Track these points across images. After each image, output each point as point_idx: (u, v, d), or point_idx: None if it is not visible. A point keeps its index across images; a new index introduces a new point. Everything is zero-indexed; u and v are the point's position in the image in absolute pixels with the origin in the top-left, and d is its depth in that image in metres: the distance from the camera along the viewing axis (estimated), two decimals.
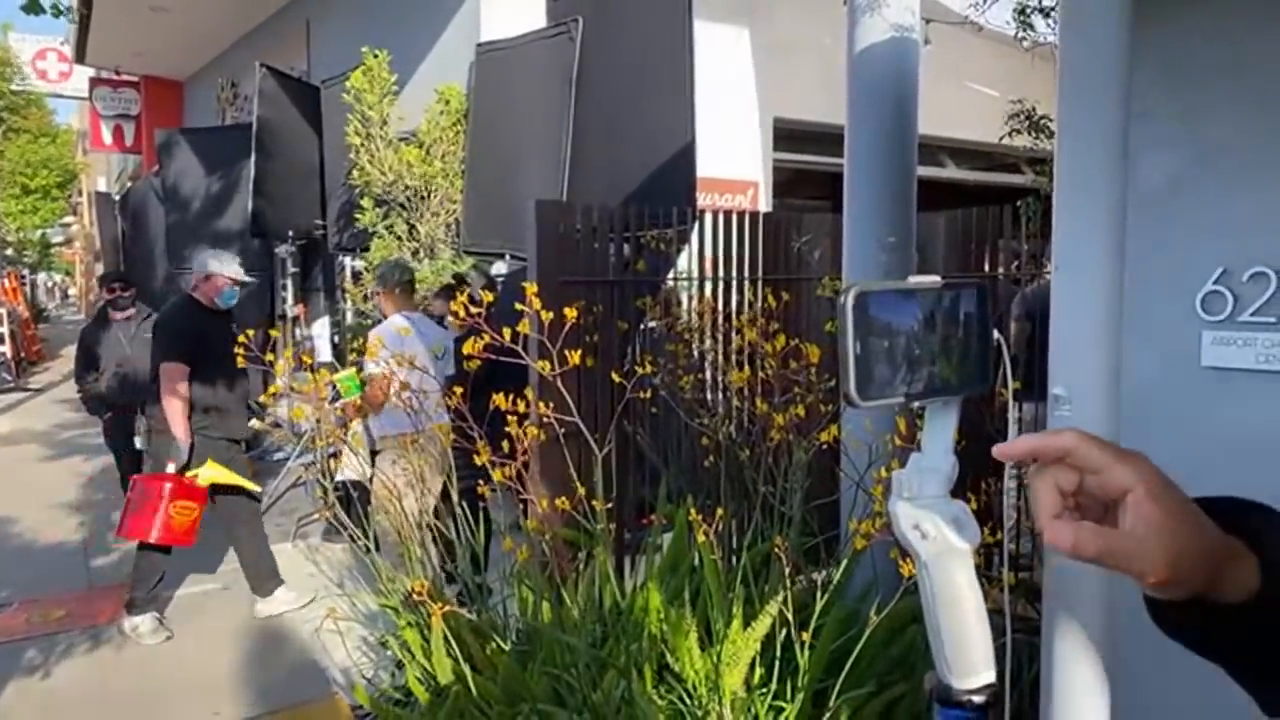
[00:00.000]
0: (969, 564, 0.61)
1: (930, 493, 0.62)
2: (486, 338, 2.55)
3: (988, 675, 0.60)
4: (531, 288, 2.83)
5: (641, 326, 3.61)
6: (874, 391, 0.58)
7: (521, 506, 2.97)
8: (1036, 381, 2.86)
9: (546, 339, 2.72)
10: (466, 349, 2.64)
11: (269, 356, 3.25)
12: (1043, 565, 1.89)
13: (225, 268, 3.89)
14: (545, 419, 2.86)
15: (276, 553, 4.37)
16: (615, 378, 3.01)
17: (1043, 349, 1.76)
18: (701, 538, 2.55)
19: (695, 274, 3.86)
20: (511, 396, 2.69)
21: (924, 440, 0.64)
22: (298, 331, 7.00)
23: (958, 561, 0.61)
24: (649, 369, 3.08)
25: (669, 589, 2.72)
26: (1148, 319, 2.01)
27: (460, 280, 4.74)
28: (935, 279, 0.60)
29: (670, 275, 3.76)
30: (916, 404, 0.61)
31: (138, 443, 4.34)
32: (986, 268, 3.64)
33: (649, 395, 3.32)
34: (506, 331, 2.60)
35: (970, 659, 0.60)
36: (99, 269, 13.53)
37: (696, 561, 2.84)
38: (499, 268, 4.61)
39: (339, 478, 3.65)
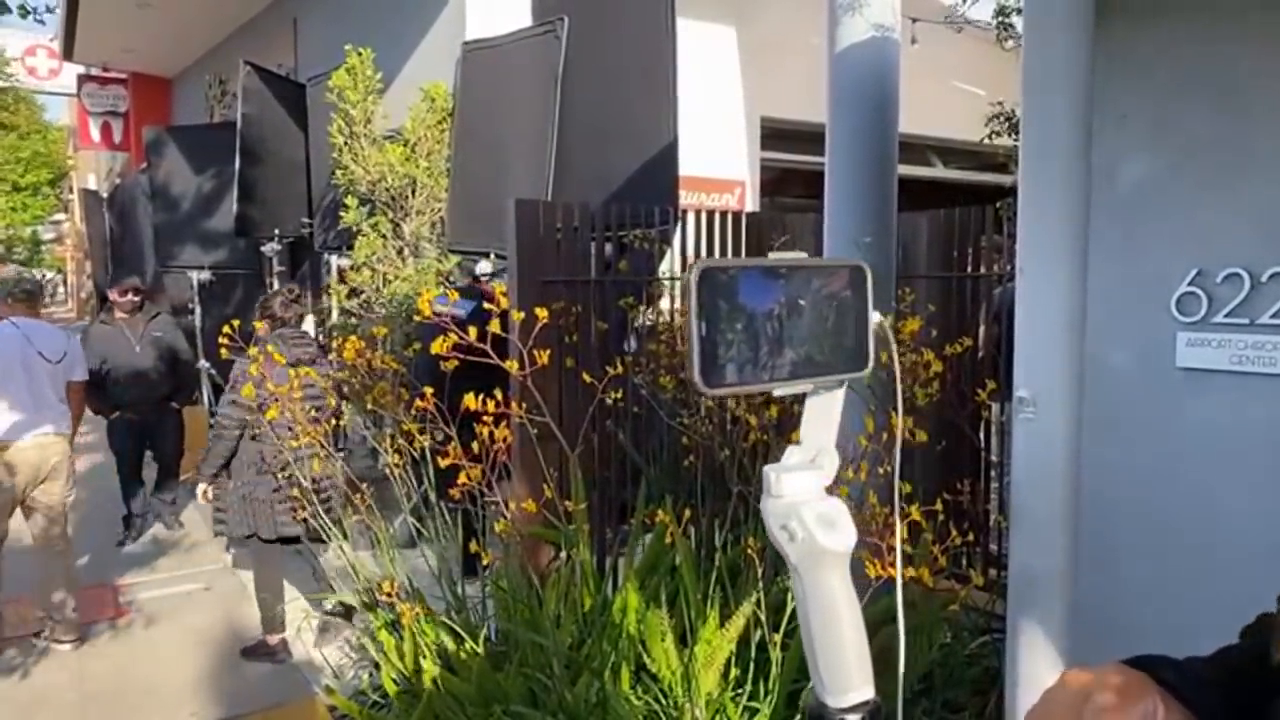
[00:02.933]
0: (843, 568, 0.58)
1: (802, 489, 0.60)
2: (455, 336, 2.53)
3: (865, 691, 0.56)
4: (500, 288, 2.81)
5: (635, 326, 3.57)
6: (725, 376, 0.56)
7: (496, 509, 2.97)
8: (1002, 383, 2.88)
9: (520, 339, 2.73)
10: (435, 348, 2.63)
11: (253, 351, 3.29)
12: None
13: None
14: (521, 420, 2.89)
15: None
16: (586, 378, 3.01)
17: (1009, 352, 1.78)
18: (677, 538, 2.54)
19: (678, 274, 3.90)
20: (482, 396, 2.70)
21: (801, 431, 0.62)
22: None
23: (829, 565, 0.58)
24: (622, 369, 3.07)
25: (648, 589, 2.73)
26: (1124, 321, 2.02)
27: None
28: (800, 255, 0.58)
29: (654, 275, 3.80)
30: (783, 390, 0.59)
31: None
32: (970, 267, 3.60)
33: (625, 396, 3.30)
34: (473, 330, 2.58)
35: (844, 674, 0.57)
36: (89, 267, 13.47)
37: (676, 562, 2.86)
38: (484, 266, 4.59)
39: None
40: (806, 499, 0.60)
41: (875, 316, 0.65)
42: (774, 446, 2.85)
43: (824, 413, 0.64)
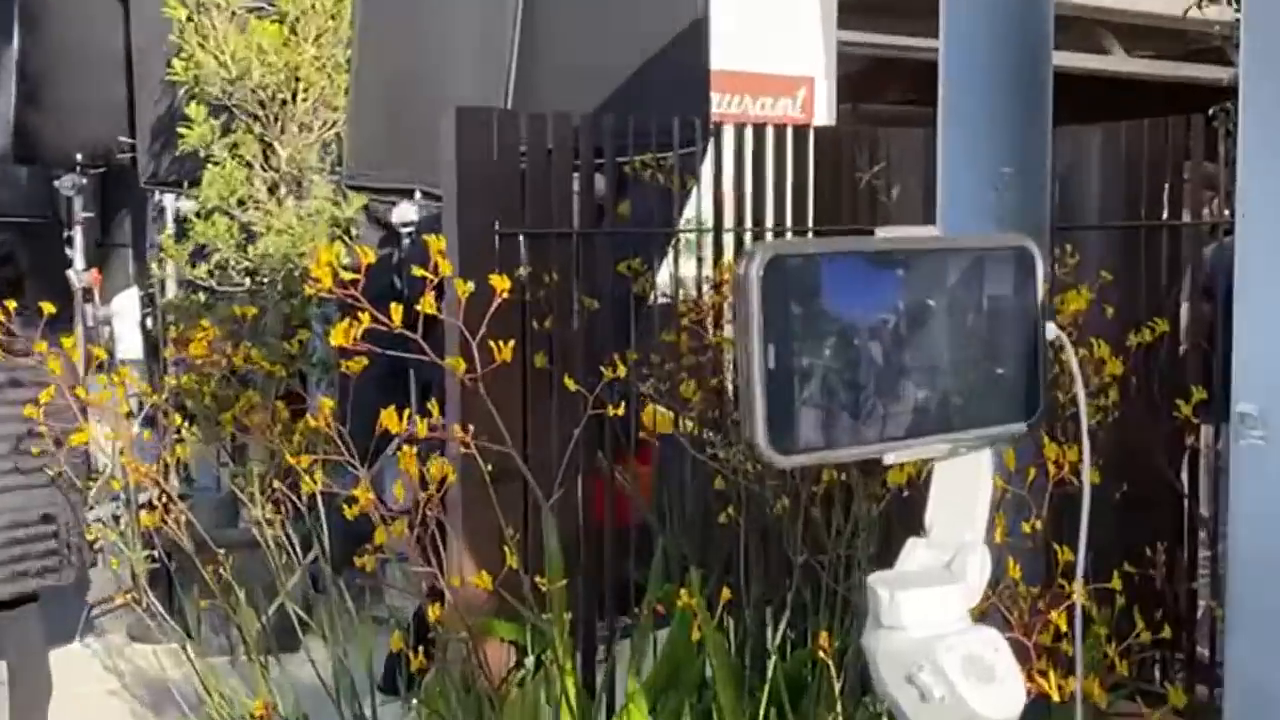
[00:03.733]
0: None
1: (937, 617, 0.61)
2: (366, 319, 2.54)
3: None
4: (438, 243, 2.77)
5: (647, 303, 3.66)
6: (805, 436, 0.58)
7: (430, 588, 3.03)
8: (1217, 394, 2.84)
9: (466, 324, 2.76)
10: (337, 339, 2.65)
11: (41, 347, 3.33)
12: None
13: None
14: (466, 449, 2.90)
15: (56, 659, 4.38)
16: (570, 384, 3.02)
17: (1226, 345, 1.80)
18: (708, 634, 2.54)
19: (710, 224, 3.91)
20: (408, 411, 2.76)
21: (929, 514, 0.65)
22: (89, 311, 6.97)
23: None
24: (624, 370, 3.08)
25: (664, 713, 2.76)
26: None
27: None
28: (930, 231, 0.63)
29: (672, 226, 3.87)
30: (900, 455, 0.62)
31: None
32: (1167, 212, 3.63)
33: (629, 413, 3.34)
34: (397, 313, 2.59)
35: None
36: None
37: (707, 672, 2.89)
38: (405, 212, 4.61)
39: None
40: (944, 632, 0.62)
41: (1051, 330, 0.68)
42: (858, 491, 2.84)
43: (966, 487, 0.67)
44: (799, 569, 2.91)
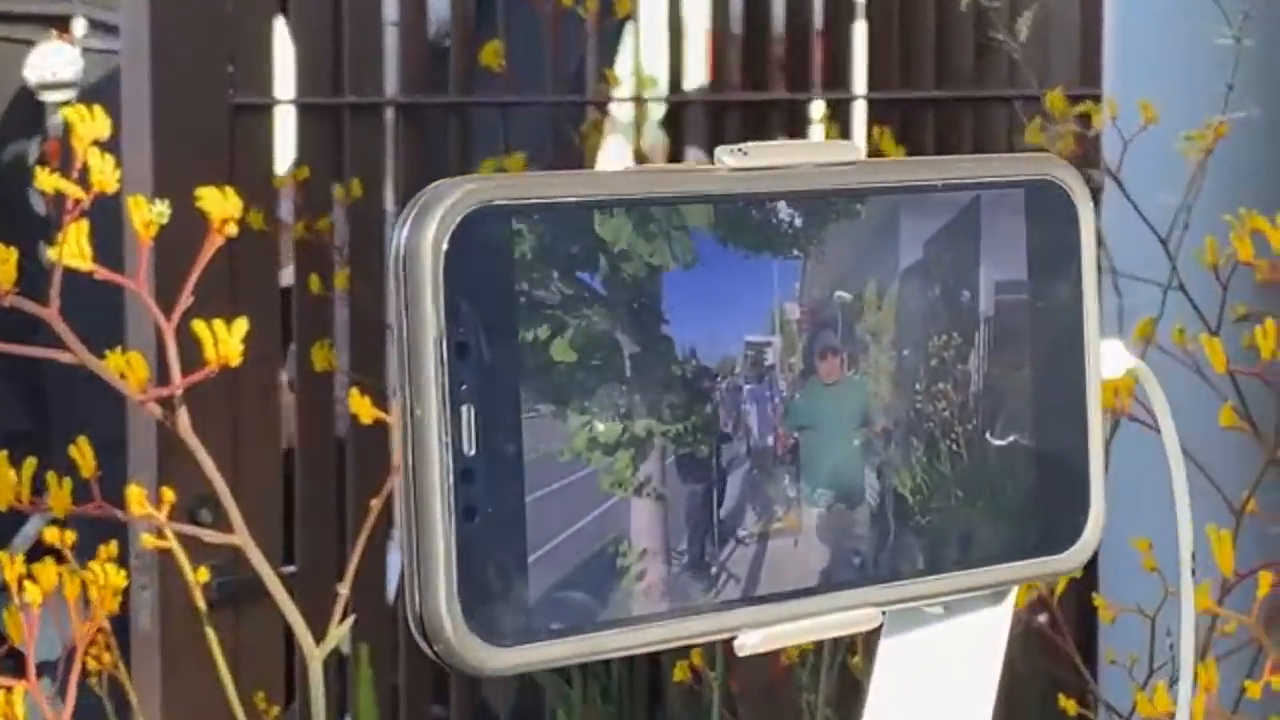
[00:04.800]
0: None
1: None
2: None
3: None
4: (98, 125, 1.86)
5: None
6: (545, 603, 0.47)
7: None
8: None
9: (162, 284, 2.15)
10: None
11: None
12: None
13: None
14: (162, 541, 2.07)
15: None
16: (365, 413, 2.22)
17: None
18: None
19: (663, 87, 3.29)
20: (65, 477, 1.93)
21: None
22: None
23: None
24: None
25: None
26: None
27: None
28: (854, 150, 0.53)
29: (591, 87, 3.21)
30: (764, 635, 0.52)
31: None
32: None
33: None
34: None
35: None
36: None
37: None
38: (50, 62, 3.78)
39: None
40: None
41: (1116, 353, 0.60)
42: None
43: (939, 688, 0.61)
44: None
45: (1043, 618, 2.09)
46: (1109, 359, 0.61)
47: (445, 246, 0.44)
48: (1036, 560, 0.59)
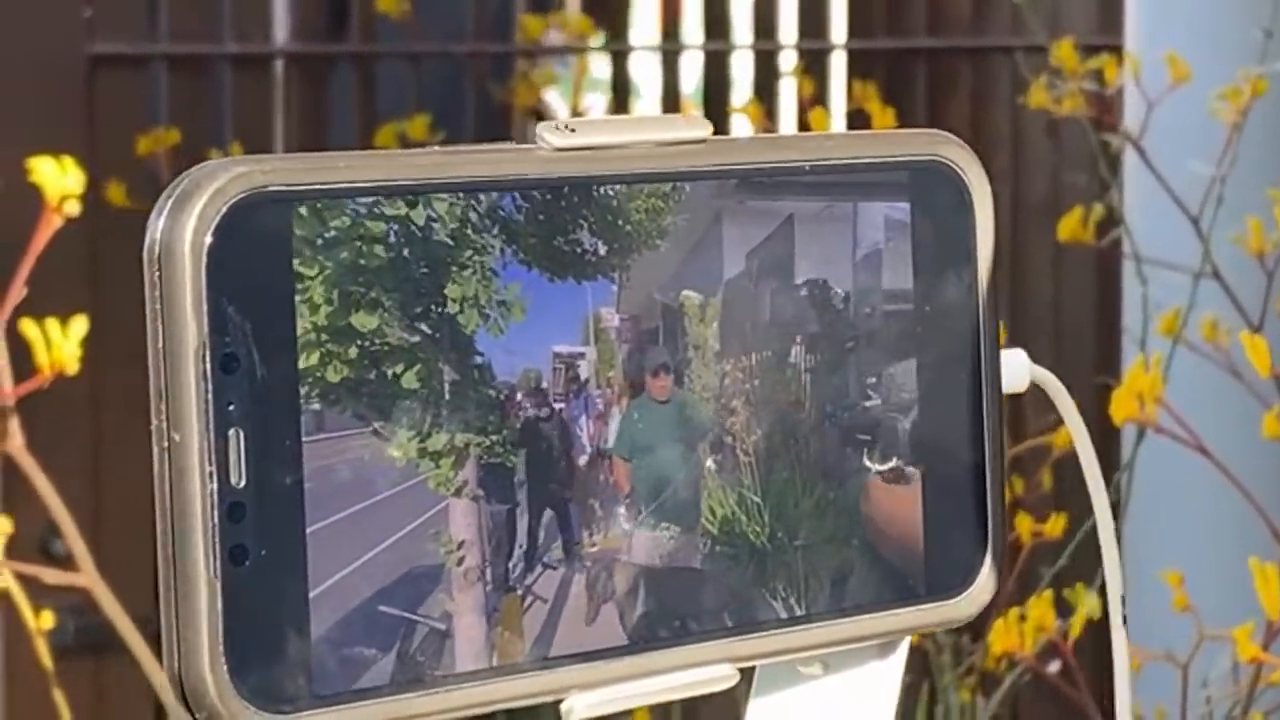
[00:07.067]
0: None
1: None
2: None
3: None
4: None
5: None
6: (327, 662, 0.46)
7: None
8: None
9: None
10: None
11: None
12: None
13: None
14: None
15: None
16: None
17: None
18: None
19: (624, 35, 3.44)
20: None
21: None
22: None
23: None
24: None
25: None
26: None
27: None
28: (702, 125, 0.53)
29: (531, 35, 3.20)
30: (592, 700, 0.52)
31: None
32: None
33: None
34: None
35: None
36: None
37: None
38: None
39: None
40: None
41: (1018, 364, 0.61)
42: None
43: None
44: None
45: (1055, 665, 2.06)
46: (1011, 371, 0.60)
47: (209, 241, 0.43)
48: (924, 607, 0.58)
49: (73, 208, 1.73)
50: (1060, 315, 3.16)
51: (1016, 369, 0.61)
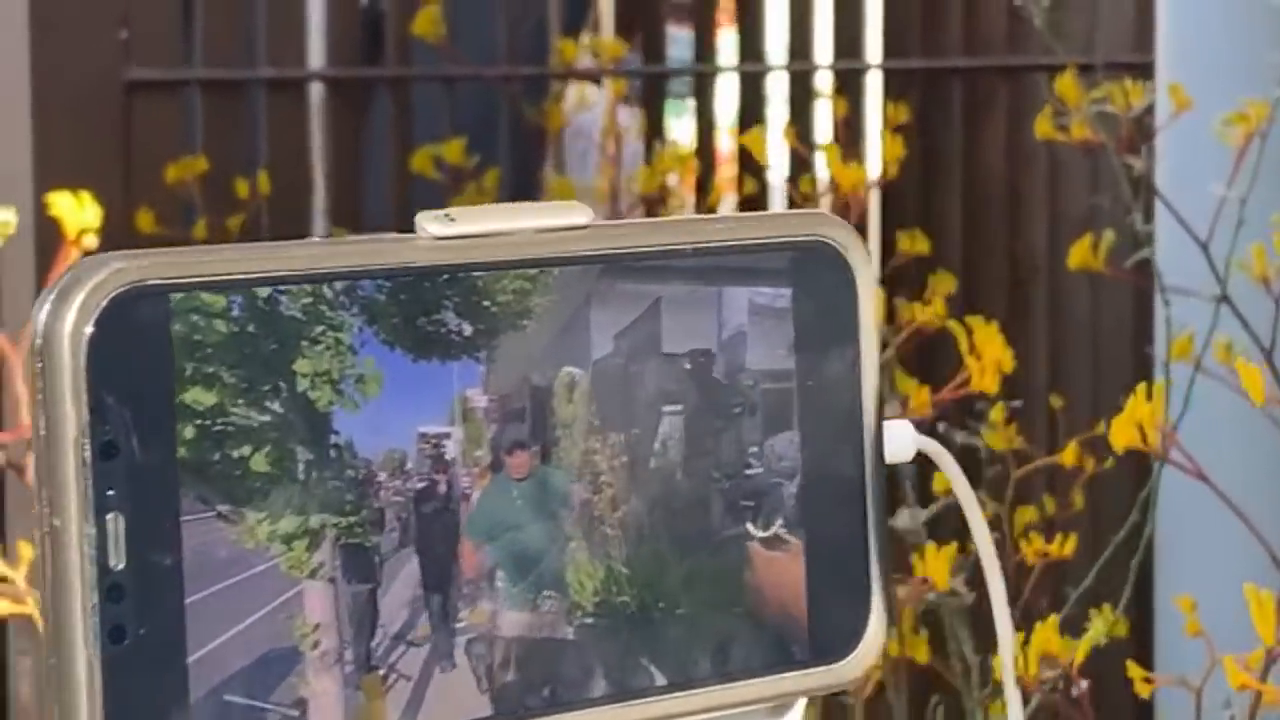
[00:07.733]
0: None
1: None
2: None
3: None
4: None
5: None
6: None
7: None
8: None
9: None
10: None
11: None
12: None
13: None
14: (20, 610, 1.96)
15: None
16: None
17: None
18: None
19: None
20: None
21: None
22: None
23: None
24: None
25: None
26: None
27: None
28: (583, 212, 0.55)
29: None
30: None
31: None
32: None
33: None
34: None
35: None
36: None
37: None
38: None
39: None
40: None
41: (904, 435, 0.62)
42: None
43: None
44: None
45: (1085, 685, 2.03)
46: (895, 441, 0.61)
47: (89, 331, 0.44)
48: (810, 672, 0.59)
49: (91, 241, 1.72)
50: (1098, 337, 3.07)
51: (902, 439, 0.62)
